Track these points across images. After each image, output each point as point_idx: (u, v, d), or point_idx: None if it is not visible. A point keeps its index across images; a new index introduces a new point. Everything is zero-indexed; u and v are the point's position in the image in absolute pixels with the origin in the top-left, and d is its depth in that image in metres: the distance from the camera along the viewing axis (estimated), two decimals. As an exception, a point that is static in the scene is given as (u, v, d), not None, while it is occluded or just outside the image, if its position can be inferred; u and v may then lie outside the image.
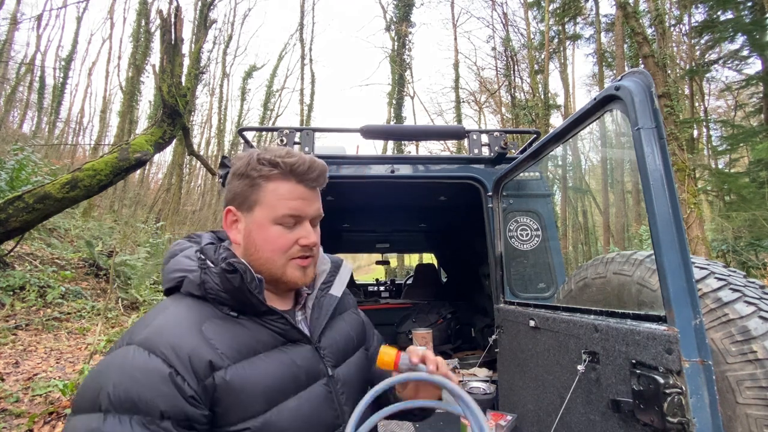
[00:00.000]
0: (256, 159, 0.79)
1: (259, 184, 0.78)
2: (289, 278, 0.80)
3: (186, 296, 0.76)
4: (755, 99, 11.68)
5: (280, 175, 0.78)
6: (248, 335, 0.74)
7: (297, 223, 0.80)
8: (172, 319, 0.70)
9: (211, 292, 0.74)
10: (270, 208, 0.78)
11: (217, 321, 0.73)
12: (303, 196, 0.80)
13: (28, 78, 19.59)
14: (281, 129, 2.22)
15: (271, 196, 0.78)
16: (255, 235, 0.78)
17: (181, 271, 0.77)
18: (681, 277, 0.83)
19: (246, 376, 0.69)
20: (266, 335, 0.76)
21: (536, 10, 18.28)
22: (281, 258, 0.79)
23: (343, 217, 3.89)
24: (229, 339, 0.71)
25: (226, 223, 0.82)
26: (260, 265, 0.79)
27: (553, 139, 1.40)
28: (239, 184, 0.80)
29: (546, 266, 2.12)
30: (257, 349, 0.74)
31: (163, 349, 0.64)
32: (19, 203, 4.10)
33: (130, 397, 0.59)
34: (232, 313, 0.75)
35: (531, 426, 1.52)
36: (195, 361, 0.65)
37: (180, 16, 5.28)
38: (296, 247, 0.80)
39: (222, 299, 0.74)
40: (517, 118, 16.06)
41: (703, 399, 0.78)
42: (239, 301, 0.74)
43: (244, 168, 0.79)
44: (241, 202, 0.80)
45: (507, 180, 1.88)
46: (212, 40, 20.66)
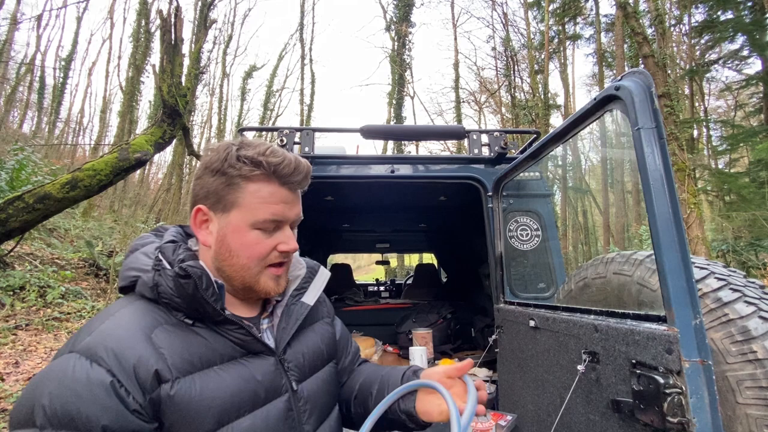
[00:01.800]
0: (235, 155, 0.71)
1: (238, 184, 0.71)
2: (262, 287, 0.75)
3: (139, 298, 0.69)
4: (755, 99, 11.69)
5: (263, 176, 0.72)
6: (203, 345, 0.67)
7: (276, 228, 0.74)
8: (119, 324, 0.63)
9: (164, 296, 0.67)
10: (250, 211, 0.71)
11: (169, 328, 0.66)
12: (286, 199, 0.74)
13: (28, 78, 19.61)
14: (281, 129, 2.22)
15: (251, 199, 0.71)
16: (230, 239, 0.71)
17: (135, 270, 0.70)
18: (681, 277, 0.83)
19: (196, 390, 0.63)
20: (224, 346, 0.69)
21: (536, 10, 18.28)
22: (257, 265, 0.73)
23: (343, 217, 3.89)
24: (181, 348, 0.64)
25: (194, 222, 0.74)
26: (233, 271, 0.73)
27: (553, 139, 1.40)
28: (214, 182, 0.72)
29: (546, 266, 2.12)
30: (212, 361, 0.67)
31: (106, 357, 0.58)
32: (19, 203, 4.10)
33: (68, 411, 0.54)
34: (186, 320, 0.68)
35: (531, 426, 1.52)
36: (141, 371, 0.59)
37: (180, 16, 5.28)
38: (274, 253, 0.74)
39: (176, 305, 0.67)
40: (517, 118, 16.06)
41: (703, 399, 0.78)
42: (194, 309, 0.68)
43: (220, 164, 0.71)
44: (215, 201, 0.72)
45: (507, 180, 1.88)
46: (212, 40, 20.66)
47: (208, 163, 0.73)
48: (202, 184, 0.73)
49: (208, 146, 0.77)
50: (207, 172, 0.73)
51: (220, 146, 0.73)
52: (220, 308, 0.68)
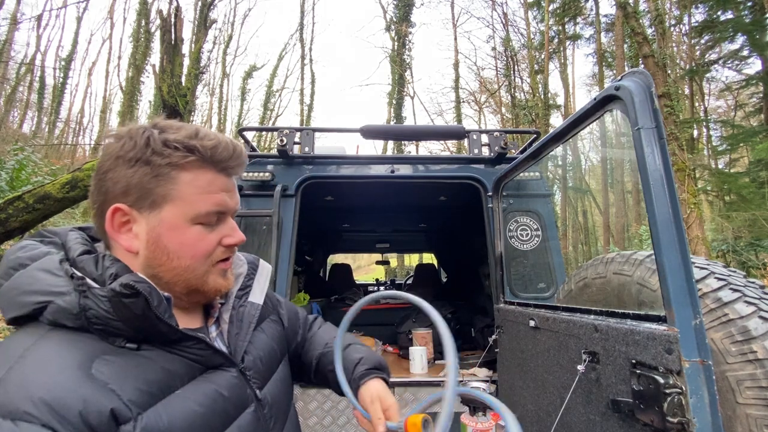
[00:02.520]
0: (160, 140, 0.60)
1: (169, 174, 0.60)
2: (212, 287, 0.67)
3: (53, 329, 0.54)
4: (755, 99, 11.70)
5: (198, 163, 0.62)
6: (157, 369, 0.57)
7: (219, 221, 0.66)
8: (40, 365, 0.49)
9: (97, 321, 0.54)
10: (187, 204, 0.62)
11: (110, 358, 0.54)
12: (226, 187, 0.66)
13: (28, 78, 19.62)
14: (281, 129, 2.22)
15: (187, 190, 0.61)
16: (167, 239, 0.61)
17: (41, 294, 0.54)
18: (681, 277, 0.83)
19: (164, 423, 0.54)
20: (180, 365, 0.60)
21: (536, 10, 18.28)
22: (203, 264, 0.65)
23: (343, 217, 3.89)
24: (133, 379, 0.53)
25: (111, 225, 0.61)
26: (174, 275, 0.63)
27: (553, 139, 1.40)
28: (134, 174, 0.59)
29: (546, 266, 2.12)
30: (173, 386, 0.57)
31: (37, 412, 0.44)
32: (19, 203, 4.10)
33: None
34: (129, 345, 0.56)
35: (531, 426, 1.53)
36: (92, 418, 0.47)
37: (180, 16, 5.29)
38: (220, 248, 0.67)
39: (114, 329, 0.55)
40: (517, 118, 16.06)
41: (703, 399, 0.78)
42: (141, 330, 0.57)
43: (140, 152, 0.60)
44: (139, 197, 0.60)
45: (507, 180, 1.88)
46: (212, 40, 20.67)
47: (120, 151, 0.60)
48: (117, 179, 0.60)
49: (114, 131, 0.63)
50: (122, 163, 0.60)
51: (134, 131, 0.61)
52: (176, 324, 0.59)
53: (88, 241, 0.65)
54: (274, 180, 2.16)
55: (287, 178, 2.17)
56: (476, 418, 1.27)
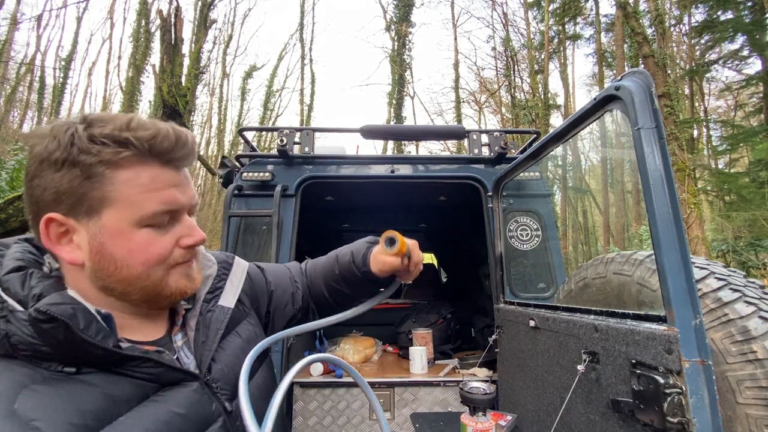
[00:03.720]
0: (85, 136, 0.52)
1: (102, 174, 0.53)
2: (174, 290, 0.60)
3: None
4: (755, 99, 11.70)
5: (135, 158, 0.54)
6: (95, 396, 0.49)
7: (172, 220, 0.59)
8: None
9: (22, 347, 0.48)
10: (130, 206, 0.54)
11: (39, 387, 0.47)
12: (174, 181, 0.58)
13: (28, 78, 19.62)
14: (281, 129, 2.22)
15: (127, 190, 0.54)
16: (111, 247, 0.54)
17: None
18: (681, 277, 0.83)
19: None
20: (126, 388, 0.52)
21: (536, 10, 18.28)
22: (159, 270, 0.58)
23: (343, 217, 3.89)
24: (64, 412, 0.46)
25: (48, 237, 0.54)
26: (127, 285, 0.56)
27: (553, 139, 1.40)
28: (62, 178, 0.52)
29: (546, 266, 2.12)
30: (115, 413, 0.50)
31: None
32: (19, 203, 4.11)
33: None
34: (66, 369, 0.50)
35: (531, 426, 1.53)
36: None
37: (180, 16, 5.29)
38: (178, 251, 0.59)
39: (44, 354, 0.49)
40: (517, 118, 16.06)
41: (703, 399, 0.78)
42: (73, 356, 0.50)
43: (65, 152, 0.51)
44: (73, 204, 0.53)
45: (507, 180, 1.88)
46: (212, 40, 20.67)
47: (43, 154, 0.52)
48: (44, 185, 0.52)
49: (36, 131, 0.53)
50: (47, 167, 0.52)
51: (57, 128, 0.53)
52: (113, 346, 0.51)
53: (33, 254, 0.57)
54: (274, 180, 2.16)
55: (287, 178, 2.17)
56: (476, 418, 1.27)
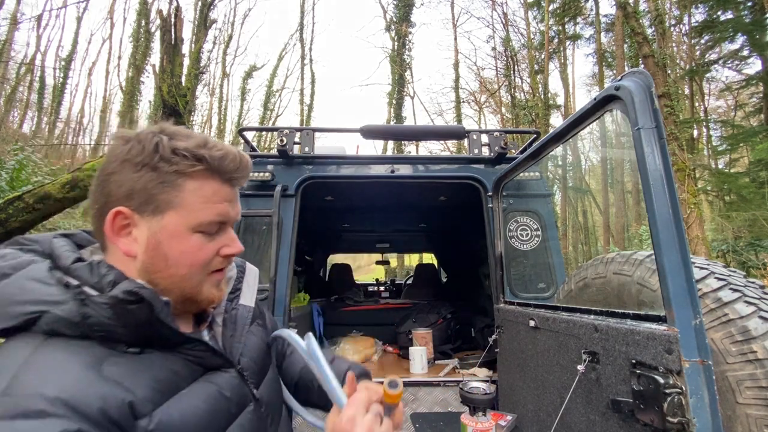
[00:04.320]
0: (169, 147, 0.60)
1: (175, 181, 0.61)
2: (205, 297, 0.67)
3: (48, 338, 0.53)
4: (755, 99, 11.70)
5: (204, 172, 0.62)
6: (162, 370, 0.58)
7: (219, 230, 0.66)
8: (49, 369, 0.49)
9: (98, 328, 0.53)
10: (190, 212, 0.62)
11: (117, 360, 0.54)
12: (229, 197, 0.66)
13: (28, 78, 19.60)
14: (281, 129, 2.22)
15: (192, 198, 0.62)
16: (167, 246, 0.61)
17: (32, 304, 0.53)
18: (681, 277, 0.83)
19: (174, 419, 0.55)
20: (182, 367, 0.61)
21: (536, 10, 18.28)
22: (200, 274, 0.65)
23: (343, 217, 3.89)
24: (143, 378, 0.54)
25: (111, 228, 0.60)
26: (171, 283, 0.63)
27: (553, 139, 1.40)
28: (140, 178, 0.59)
29: (546, 266, 2.12)
30: (178, 386, 0.58)
31: (54, 409, 0.44)
32: (19, 203, 4.10)
33: None
34: (131, 350, 0.57)
35: (531, 426, 1.53)
36: (112, 411, 0.48)
37: (180, 16, 5.28)
38: (218, 258, 0.67)
39: (117, 336, 0.55)
40: (517, 118, 16.06)
41: (703, 399, 0.78)
42: (143, 336, 0.57)
43: (148, 157, 0.59)
44: (142, 202, 0.60)
45: (507, 180, 1.88)
46: (212, 40, 20.62)
47: (128, 155, 0.60)
48: (121, 182, 0.60)
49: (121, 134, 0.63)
50: (128, 167, 0.60)
51: (144, 136, 0.61)
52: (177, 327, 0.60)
53: (75, 249, 0.64)
54: (274, 180, 2.16)
55: (287, 178, 2.17)
56: (476, 418, 1.27)
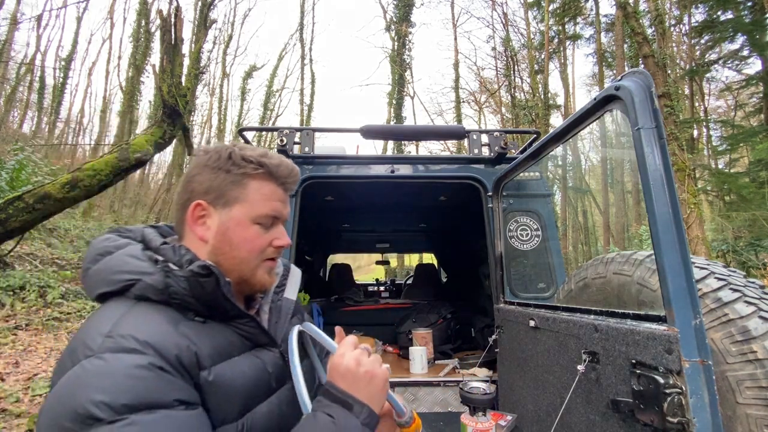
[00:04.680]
0: (239, 155, 0.77)
1: (241, 181, 0.76)
2: (258, 280, 0.79)
3: (138, 301, 0.67)
4: (755, 99, 11.70)
5: (265, 175, 0.78)
6: (221, 338, 0.70)
7: (273, 224, 0.80)
8: (140, 321, 0.63)
9: (176, 296, 0.67)
10: (252, 206, 0.76)
11: (187, 323, 0.68)
12: (282, 198, 0.81)
13: (28, 78, 19.57)
14: (281, 129, 2.22)
15: (254, 195, 0.77)
16: (232, 233, 0.75)
17: (130, 273, 0.67)
18: (681, 277, 0.83)
19: (226, 377, 0.67)
20: (236, 338, 0.73)
21: (536, 10, 18.27)
22: (256, 259, 0.78)
23: (343, 217, 3.89)
24: (207, 340, 0.67)
25: (191, 217, 0.76)
26: (232, 265, 0.76)
27: (553, 139, 1.40)
28: (216, 178, 0.76)
29: (546, 266, 2.12)
30: (231, 353, 0.71)
31: (143, 348, 0.58)
32: (19, 203, 4.10)
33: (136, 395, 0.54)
34: (198, 319, 0.70)
35: (531, 426, 1.53)
36: (184, 358, 0.61)
37: (180, 16, 5.28)
38: (271, 248, 0.80)
39: (188, 304, 0.68)
40: (517, 118, 16.05)
41: (703, 399, 0.78)
42: (208, 306, 0.70)
43: (224, 162, 0.76)
44: (216, 196, 0.76)
45: (507, 180, 1.88)
46: (212, 40, 20.58)
47: (208, 162, 0.77)
48: (201, 180, 0.76)
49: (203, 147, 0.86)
50: (207, 170, 0.77)
51: (221, 147, 0.79)
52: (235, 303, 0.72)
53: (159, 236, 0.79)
54: None
55: None
56: (476, 418, 1.27)
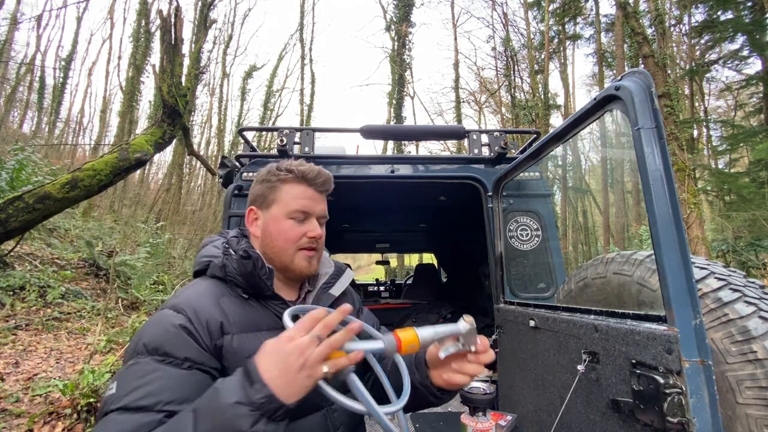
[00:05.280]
0: (275, 167, 0.99)
1: (277, 186, 0.97)
2: (297, 266, 0.95)
3: (210, 277, 0.93)
4: (755, 99, 11.70)
5: (294, 179, 0.97)
6: (255, 314, 0.89)
7: (305, 219, 0.96)
8: (197, 291, 0.88)
9: (230, 274, 0.90)
10: (284, 204, 0.95)
11: (232, 298, 0.89)
12: (311, 197, 0.98)
13: (28, 78, 19.58)
14: (281, 129, 2.22)
15: (285, 195, 0.96)
16: (271, 227, 0.95)
17: (208, 257, 0.94)
18: (681, 277, 0.83)
19: (247, 344, 0.82)
20: (270, 318, 0.90)
21: (536, 10, 18.27)
22: (291, 247, 0.95)
23: (343, 217, 3.89)
24: (239, 313, 0.87)
25: (248, 220, 1.00)
26: (274, 253, 0.95)
27: (553, 139, 1.40)
28: (260, 188, 0.99)
29: (546, 266, 2.12)
30: (260, 327, 0.88)
31: (187, 310, 0.81)
32: (19, 203, 4.10)
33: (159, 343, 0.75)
34: (243, 295, 0.90)
35: (531, 426, 1.53)
36: (211, 324, 0.81)
37: (180, 16, 5.28)
38: (304, 238, 0.95)
39: (237, 282, 0.89)
40: (517, 118, 16.05)
41: (703, 399, 0.78)
42: (251, 285, 0.89)
43: (265, 175, 1.00)
44: (261, 202, 0.99)
45: (507, 180, 1.88)
46: (212, 40, 20.59)
47: (257, 177, 1.02)
48: (252, 192, 1.01)
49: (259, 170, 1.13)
50: (256, 183, 1.02)
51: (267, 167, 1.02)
52: (270, 285, 0.90)
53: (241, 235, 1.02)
54: None
55: None
56: (476, 418, 1.26)
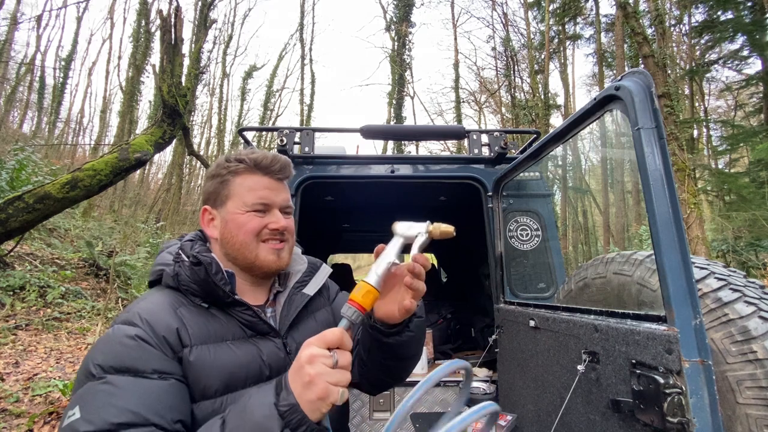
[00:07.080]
0: (224, 159, 0.89)
1: (228, 179, 0.87)
2: (263, 261, 0.86)
3: (164, 288, 0.84)
4: (755, 99, 11.70)
5: (247, 169, 0.87)
6: (218, 323, 0.81)
7: (266, 211, 0.87)
8: (150, 302, 0.79)
9: (183, 283, 0.81)
10: (240, 198, 0.86)
11: (190, 308, 0.80)
12: (269, 186, 0.88)
13: (28, 78, 19.60)
14: (281, 129, 2.22)
15: (239, 188, 0.87)
16: (230, 223, 0.86)
17: (161, 265, 0.86)
18: (681, 277, 0.83)
19: (210, 357, 0.76)
20: (235, 326, 0.82)
21: (536, 10, 18.27)
22: (253, 240, 0.86)
23: (343, 217, 3.89)
24: (199, 323, 0.78)
25: (203, 222, 0.91)
26: (236, 251, 0.86)
27: (553, 139, 1.40)
28: (211, 184, 0.89)
29: (546, 266, 2.12)
30: (225, 337, 0.80)
31: (140, 323, 0.73)
32: (19, 203, 4.10)
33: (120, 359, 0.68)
34: (203, 304, 0.81)
35: (531, 426, 1.53)
36: (169, 335, 0.74)
37: (180, 16, 5.28)
38: (266, 230, 0.87)
39: (193, 290, 0.81)
40: (517, 118, 16.05)
41: (703, 399, 0.78)
42: (207, 293, 0.81)
43: (214, 169, 0.90)
44: (214, 199, 0.89)
45: (507, 180, 1.88)
46: (212, 40, 20.60)
47: (207, 172, 0.92)
48: (205, 190, 0.91)
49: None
50: (206, 180, 0.92)
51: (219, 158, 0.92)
52: (230, 291, 0.81)
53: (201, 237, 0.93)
54: None
55: None
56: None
